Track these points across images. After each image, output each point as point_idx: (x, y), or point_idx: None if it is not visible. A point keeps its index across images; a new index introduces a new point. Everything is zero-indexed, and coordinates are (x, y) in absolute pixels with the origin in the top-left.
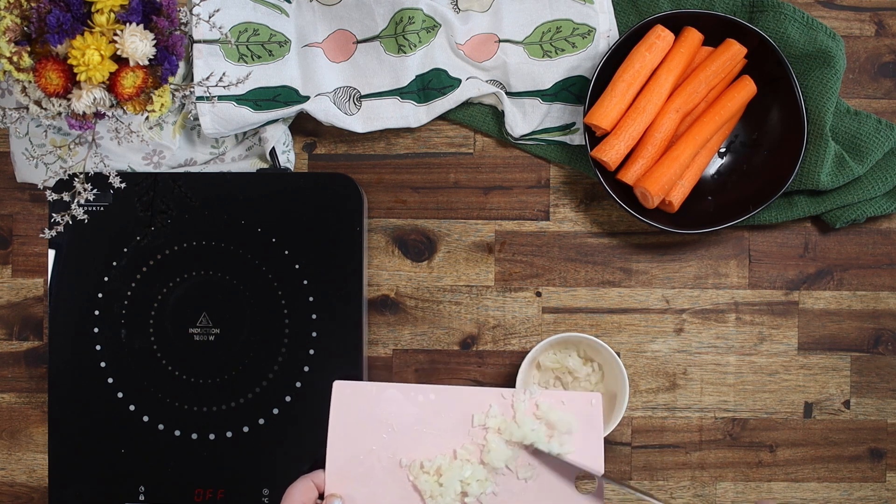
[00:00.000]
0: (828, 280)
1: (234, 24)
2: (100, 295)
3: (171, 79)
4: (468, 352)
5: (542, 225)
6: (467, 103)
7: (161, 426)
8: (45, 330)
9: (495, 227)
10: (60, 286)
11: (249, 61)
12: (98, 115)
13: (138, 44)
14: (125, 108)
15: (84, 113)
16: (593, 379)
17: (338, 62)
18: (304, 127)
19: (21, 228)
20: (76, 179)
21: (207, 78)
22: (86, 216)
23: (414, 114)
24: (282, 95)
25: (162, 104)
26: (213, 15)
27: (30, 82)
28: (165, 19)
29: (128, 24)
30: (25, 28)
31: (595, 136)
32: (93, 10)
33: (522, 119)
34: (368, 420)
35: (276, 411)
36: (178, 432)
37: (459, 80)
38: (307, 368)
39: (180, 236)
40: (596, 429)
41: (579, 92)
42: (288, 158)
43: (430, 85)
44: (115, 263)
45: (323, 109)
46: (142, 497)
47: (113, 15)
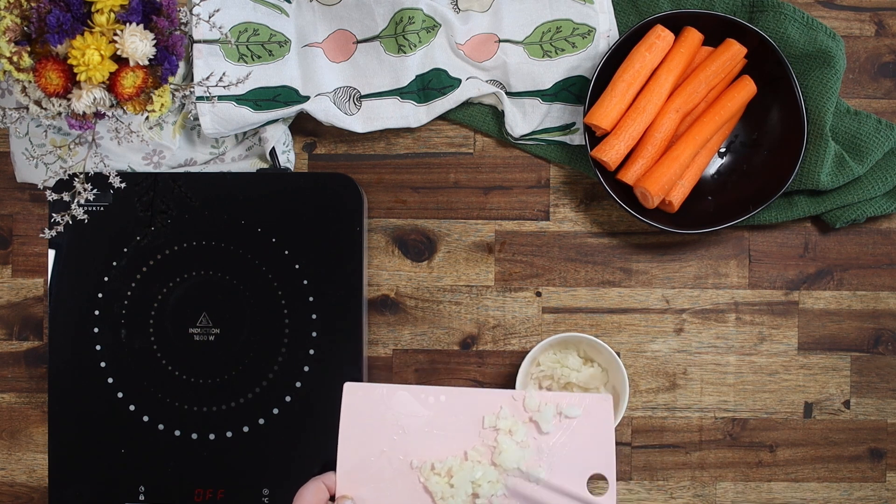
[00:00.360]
0: (828, 280)
1: (234, 24)
2: (100, 295)
3: (171, 79)
4: (468, 352)
5: (542, 225)
6: (467, 103)
7: (161, 426)
8: (45, 330)
9: (495, 227)
10: (60, 286)
11: (249, 61)
12: (98, 115)
13: (138, 44)
14: (125, 108)
15: (84, 113)
16: (598, 379)
17: (338, 62)
18: (304, 127)
19: (21, 228)
20: (76, 179)
21: (207, 78)
22: (86, 216)
23: (414, 114)
24: (282, 95)
25: (162, 104)
26: (213, 15)
27: (30, 82)
28: (165, 19)
29: (128, 24)
30: (25, 28)
31: (595, 136)
32: (93, 10)
33: (522, 119)
34: (379, 422)
35: (276, 411)
36: (178, 432)
37: (459, 80)
38: (307, 368)
39: (180, 236)
40: (607, 430)
41: (579, 92)
42: (288, 158)
43: (430, 85)
44: (115, 263)
45: (323, 109)
46: (142, 497)
47: (113, 15)
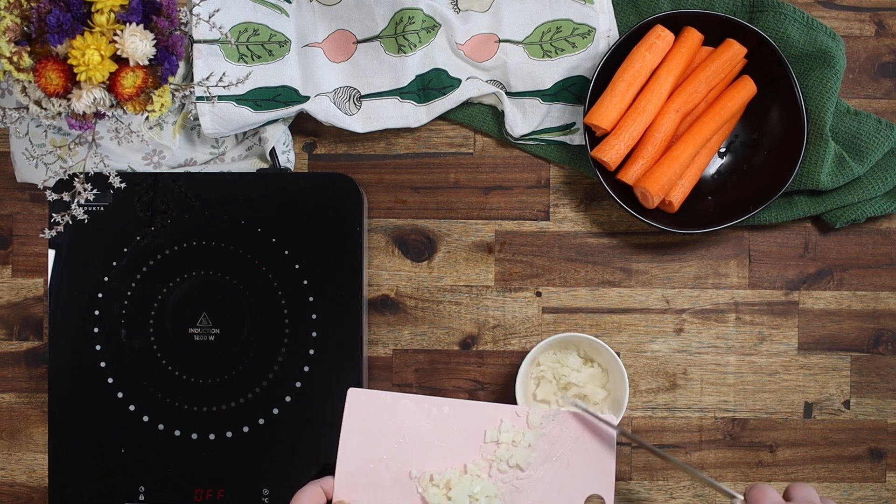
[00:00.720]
0: (828, 280)
1: (234, 24)
2: (100, 295)
3: (171, 79)
4: (468, 352)
5: (542, 225)
6: (467, 103)
7: (161, 426)
8: (45, 330)
9: (495, 227)
10: (60, 286)
11: (249, 61)
12: (98, 115)
13: (138, 44)
14: (125, 108)
15: (84, 113)
16: (598, 379)
17: (338, 62)
18: (304, 127)
19: (21, 228)
20: (76, 179)
21: (207, 78)
22: (86, 216)
23: (414, 114)
24: (282, 95)
25: (162, 104)
26: (213, 15)
27: (30, 82)
28: (165, 19)
29: (128, 24)
30: (25, 28)
31: (595, 136)
32: (93, 10)
33: (522, 119)
34: (381, 429)
35: (276, 411)
36: (178, 432)
37: (459, 80)
38: (307, 368)
39: (180, 236)
40: (608, 450)
41: (579, 92)
42: (288, 158)
43: (430, 85)
44: (115, 263)
45: (323, 109)
46: (142, 497)
47: (113, 15)
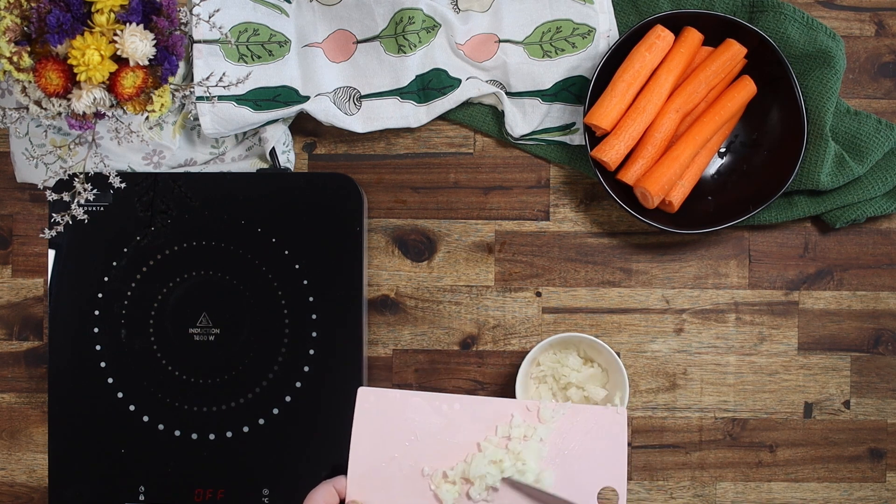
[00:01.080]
0: (828, 280)
1: (234, 24)
2: (100, 295)
3: (171, 79)
4: (468, 352)
5: (542, 225)
6: (467, 103)
7: (161, 426)
8: (45, 330)
9: (495, 227)
10: (60, 286)
11: (249, 61)
12: (98, 115)
13: (138, 44)
14: (125, 108)
15: (84, 113)
16: (598, 379)
17: (338, 62)
18: (304, 127)
19: (21, 228)
20: (76, 179)
21: (207, 78)
22: (86, 216)
23: (414, 114)
24: (282, 95)
25: (162, 104)
26: (213, 15)
27: (30, 82)
28: (165, 19)
29: (128, 24)
30: (25, 28)
31: (595, 136)
32: (93, 10)
33: (522, 119)
34: (391, 427)
35: (276, 411)
36: (178, 432)
37: (459, 80)
38: (307, 368)
39: (180, 236)
40: (621, 443)
41: (579, 92)
42: (288, 158)
43: (430, 85)
44: (115, 263)
45: (323, 109)
46: (142, 497)
47: (113, 15)
